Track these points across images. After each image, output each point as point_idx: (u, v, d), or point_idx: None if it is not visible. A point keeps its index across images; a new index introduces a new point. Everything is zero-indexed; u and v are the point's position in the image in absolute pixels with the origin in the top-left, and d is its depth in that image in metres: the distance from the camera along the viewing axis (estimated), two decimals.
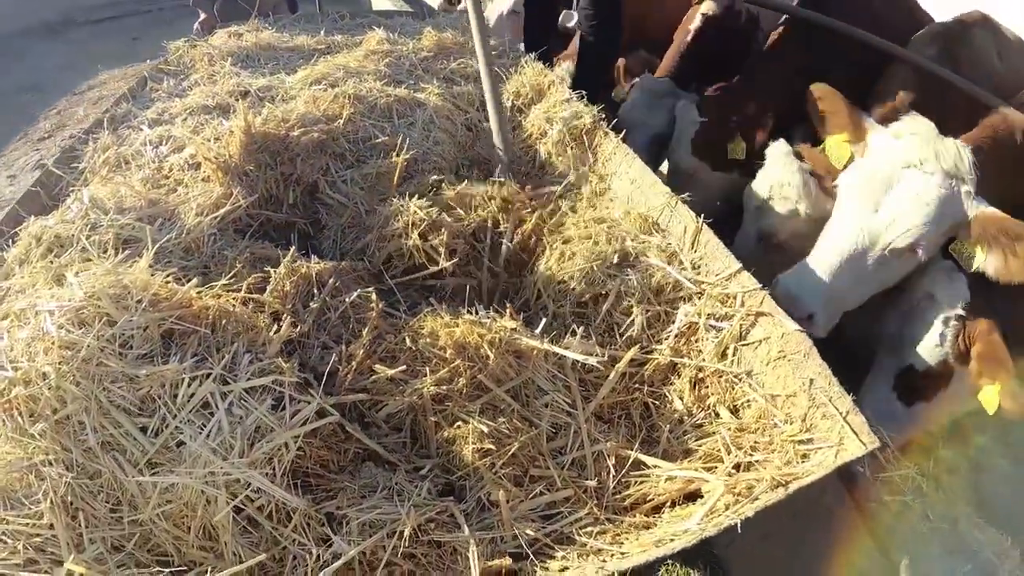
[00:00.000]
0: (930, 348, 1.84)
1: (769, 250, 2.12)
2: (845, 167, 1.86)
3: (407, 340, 1.32)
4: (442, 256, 1.54)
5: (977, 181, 1.69)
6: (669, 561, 2.12)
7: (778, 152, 2.04)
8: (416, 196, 1.69)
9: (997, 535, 2.04)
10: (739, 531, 1.08)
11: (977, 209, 1.66)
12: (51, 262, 1.49)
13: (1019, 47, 2.59)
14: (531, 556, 1.16)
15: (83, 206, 1.58)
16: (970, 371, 1.75)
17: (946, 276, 1.82)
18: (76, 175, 1.84)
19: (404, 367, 1.28)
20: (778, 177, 2.01)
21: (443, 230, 1.56)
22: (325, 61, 2.34)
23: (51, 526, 1.12)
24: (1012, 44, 2.57)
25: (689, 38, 2.67)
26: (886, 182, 1.69)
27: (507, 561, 1.11)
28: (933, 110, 2.20)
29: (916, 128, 1.72)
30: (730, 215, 2.38)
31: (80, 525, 1.13)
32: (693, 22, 2.69)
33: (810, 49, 2.46)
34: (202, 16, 3.13)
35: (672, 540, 1.16)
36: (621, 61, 2.84)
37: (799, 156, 2.05)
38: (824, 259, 1.73)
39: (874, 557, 1.69)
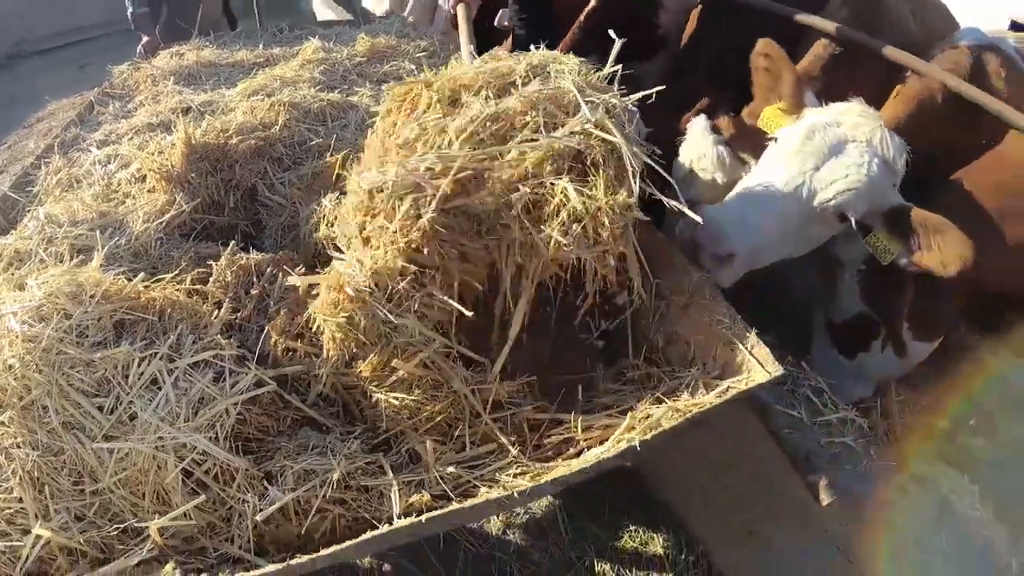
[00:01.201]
0: (843, 303, 2.13)
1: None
2: None
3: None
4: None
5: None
6: (631, 526, 2.38)
7: (696, 128, 2.27)
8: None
9: (954, 473, 2.26)
10: (638, 449, 1.31)
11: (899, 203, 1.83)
12: (12, 274, 1.77)
13: (935, 6, 2.87)
14: (453, 497, 1.40)
15: (39, 222, 1.85)
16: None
17: (845, 238, 1.98)
18: (31, 198, 2.11)
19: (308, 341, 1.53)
20: (697, 151, 2.24)
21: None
22: (264, 73, 2.64)
23: (20, 499, 1.37)
24: (928, 3, 2.86)
25: (583, 17, 2.96)
26: (832, 147, 1.82)
27: (426, 497, 1.35)
28: (846, 74, 2.50)
29: (863, 113, 1.88)
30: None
31: (46, 497, 1.34)
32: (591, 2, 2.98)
33: (735, 29, 2.76)
34: (144, 39, 3.43)
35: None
36: None
37: (716, 129, 2.35)
38: (757, 201, 1.83)
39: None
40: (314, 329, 1.53)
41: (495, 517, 2.39)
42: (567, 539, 2.32)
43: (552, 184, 1.42)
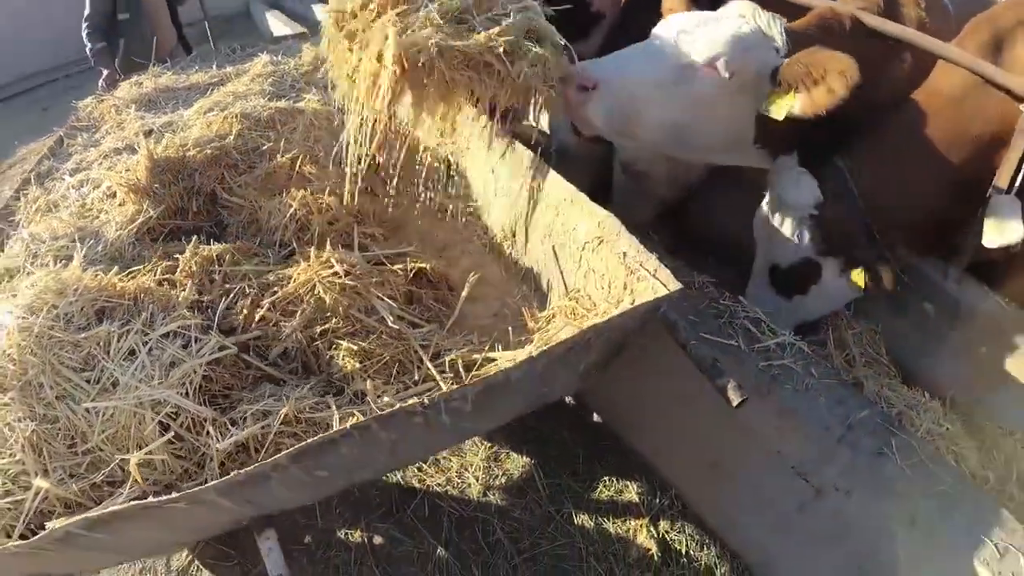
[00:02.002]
0: (789, 248, 2.31)
1: (633, 178, 2.77)
2: None
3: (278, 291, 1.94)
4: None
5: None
6: (604, 476, 2.68)
7: None
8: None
9: (915, 393, 2.39)
10: (534, 359, 1.62)
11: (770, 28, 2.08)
12: (3, 288, 2.16)
13: None
14: None
15: (24, 242, 2.25)
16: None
17: (792, 178, 2.27)
18: (13, 226, 2.52)
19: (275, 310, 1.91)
20: None
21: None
22: (218, 91, 3.05)
23: (22, 463, 1.70)
24: None
25: None
26: (702, 22, 2.11)
27: (360, 418, 1.66)
28: None
29: (741, 3, 2.18)
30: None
31: (45, 459, 1.67)
32: None
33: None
34: (105, 72, 3.91)
35: None
36: None
37: None
38: (625, 53, 2.13)
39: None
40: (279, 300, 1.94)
41: (475, 480, 2.71)
42: (545, 495, 2.62)
43: (522, 40, 1.95)
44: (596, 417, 2.82)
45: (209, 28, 4.81)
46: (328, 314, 1.93)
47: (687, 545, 2.45)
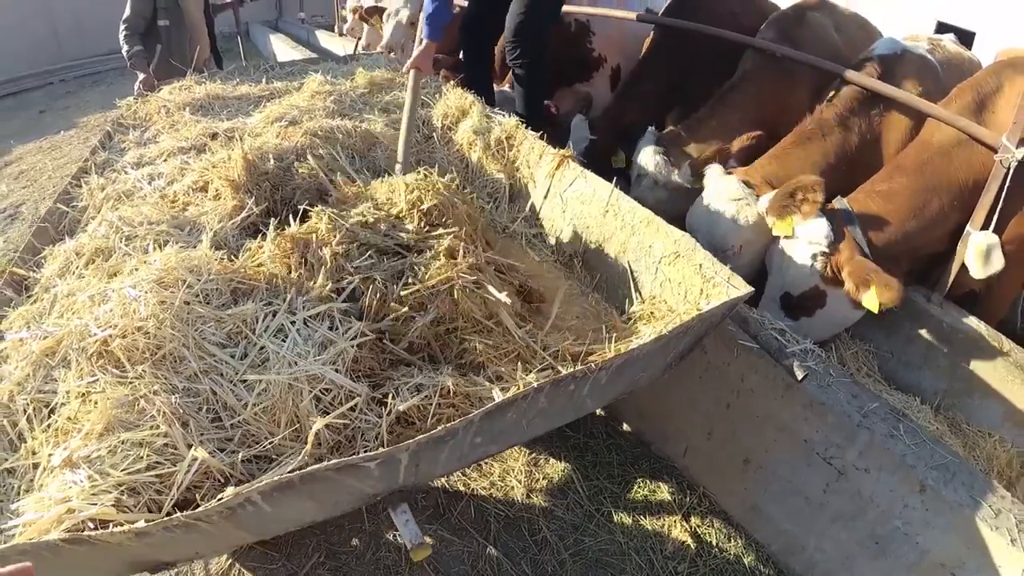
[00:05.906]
0: (802, 278, 2.62)
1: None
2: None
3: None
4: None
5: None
6: (638, 478, 2.89)
7: (644, 144, 3.20)
8: None
9: (908, 398, 2.72)
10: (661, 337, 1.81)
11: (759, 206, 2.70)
12: (98, 267, 2.08)
13: (855, 20, 3.65)
14: None
15: (112, 224, 2.18)
16: (847, 291, 2.48)
17: (807, 225, 2.58)
18: (79, 212, 2.43)
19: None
20: (641, 160, 3.15)
21: None
22: (276, 103, 3.10)
23: (166, 434, 1.63)
24: (848, 19, 3.63)
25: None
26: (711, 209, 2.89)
27: (520, 389, 1.79)
28: (781, 82, 3.23)
29: (709, 176, 2.93)
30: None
31: (191, 431, 1.63)
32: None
33: (676, 54, 3.59)
34: (141, 76, 3.79)
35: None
36: None
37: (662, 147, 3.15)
38: None
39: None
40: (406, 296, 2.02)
41: (518, 483, 2.83)
42: (585, 495, 2.79)
43: None
44: (626, 427, 3.05)
45: (241, 43, 4.77)
46: (459, 315, 2.03)
47: (716, 537, 2.67)
